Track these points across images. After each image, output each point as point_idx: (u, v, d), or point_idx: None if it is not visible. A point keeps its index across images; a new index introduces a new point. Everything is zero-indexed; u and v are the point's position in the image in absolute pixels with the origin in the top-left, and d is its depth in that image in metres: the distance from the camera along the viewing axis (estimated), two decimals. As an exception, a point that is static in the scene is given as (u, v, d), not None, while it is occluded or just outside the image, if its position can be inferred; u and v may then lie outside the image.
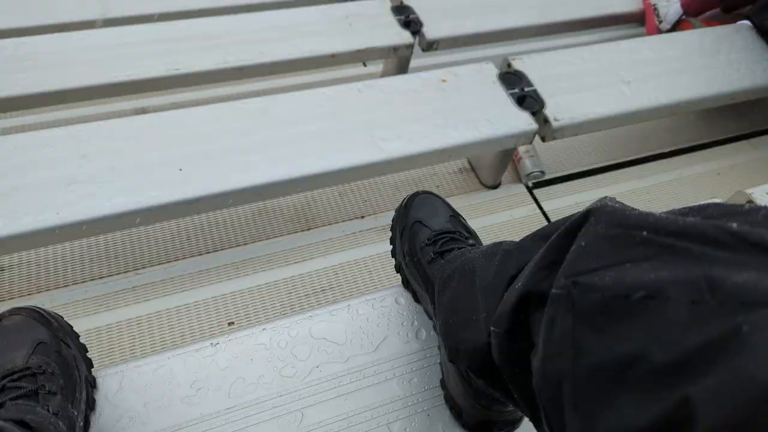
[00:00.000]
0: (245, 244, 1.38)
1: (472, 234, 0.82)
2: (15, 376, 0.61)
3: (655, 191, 1.58)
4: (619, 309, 0.37)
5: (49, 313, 0.72)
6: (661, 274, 0.35)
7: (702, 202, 0.43)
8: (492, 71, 1.46)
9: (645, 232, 0.38)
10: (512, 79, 1.44)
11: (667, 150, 1.73)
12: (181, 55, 1.58)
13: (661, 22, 1.98)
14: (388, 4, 1.87)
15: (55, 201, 1.05)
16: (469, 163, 1.68)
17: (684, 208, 0.42)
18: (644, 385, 0.34)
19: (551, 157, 1.70)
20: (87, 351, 0.78)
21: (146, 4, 1.92)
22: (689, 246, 0.36)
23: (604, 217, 0.42)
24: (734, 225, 0.34)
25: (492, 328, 0.52)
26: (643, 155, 1.72)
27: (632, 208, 0.42)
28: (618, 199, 0.45)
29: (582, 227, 0.43)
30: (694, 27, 1.85)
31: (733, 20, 1.83)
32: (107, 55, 1.53)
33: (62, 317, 0.76)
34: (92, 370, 0.79)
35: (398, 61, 1.92)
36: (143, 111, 1.80)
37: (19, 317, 0.68)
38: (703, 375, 0.31)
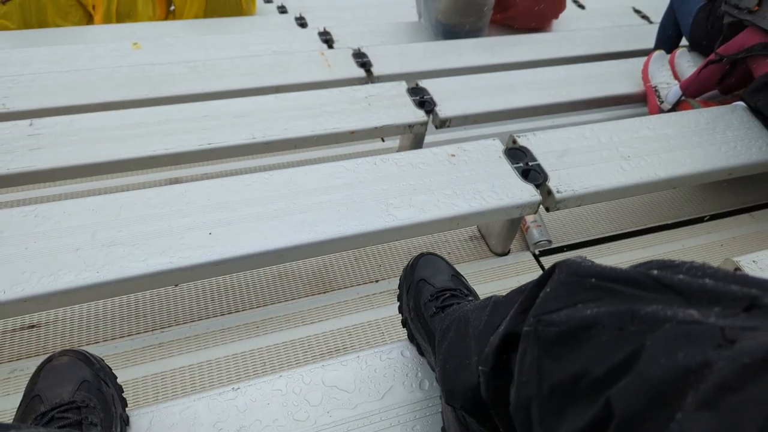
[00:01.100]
0: (265, 305, 1.46)
1: (471, 291, 0.90)
2: (62, 408, 0.70)
3: (659, 260, 1.64)
4: (571, 339, 0.46)
5: (92, 356, 0.81)
6: (600, 310, 0.46)
7: (649, 260, 0.51)
8: (498, 147, 1.57)
9: (593, 279, 0.48)
10: (517, 154, 1.55)
11: (670, 222, 1.80)
12: (214, 131, 1.74)
13: (662, 102, 2.11)
14: (405, 86, 2.04)
15: (95, 261, 1.16)
16: (479, 231, 1.76)
17: (634, 264, 0.51)
18: (585, 396, 0.43)
19: (558, 226, 1.78)
20: (122, 391, 0.86)
21: (186, 85, 2.13)
22: (622, 288, 0.46)
23: (565, 269, 0.52)
24: (655, 272, 0.44)
25: (480, 368, 0.60)
26: (648, 226, 1.79)
27: (588, 261, 0.51)
28: None
29: (550, 277, 0.53)
30: (693, 107, 1.96)
31: (731, 100, 1.95)
32: (148, 131, 1.69)
33: (103, 360, 0.84)
34: (126, 409, 0.86)
35: (414, 137, 2.07)
36: (176, 180, 1.95)
37: (67, 358, 0.77)
38: (619, 380, 0.40)
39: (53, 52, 2.40)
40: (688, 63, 2.16)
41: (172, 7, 3.34)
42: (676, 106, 2.03)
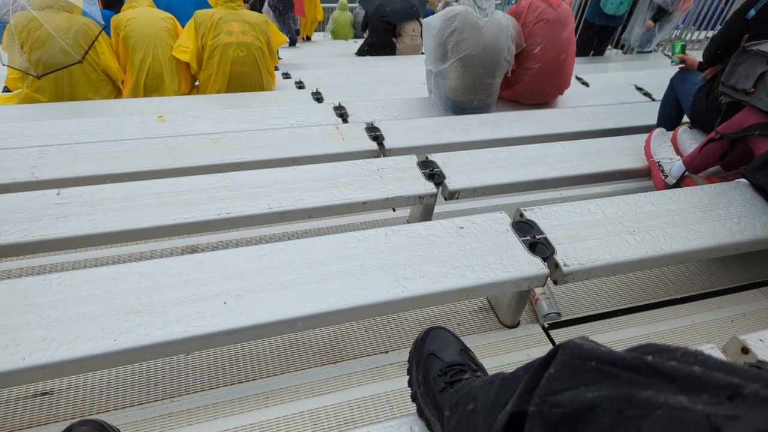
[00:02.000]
0: (276, 374, 1.47)
1: (479, 367, 0.91)
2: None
3: (669, 337, 1.63)
4: (574, 420, 0.49)
5: (110, 426, 0.83)
6: (601, 393, 0.49)
7: (647, 343, 0.54)
8: (505, 220, 1.62)
9: (594, 362, 0.51)
10: (524, 228, 1.60)
11: (679, 296, 1.81)
12: (232, 201, 1.81)
13: (666, 176, 2.16)
14: (415, 159, 2.12)
15: (113, 329, 1.19)
16: (489, 302, 1.78)
17: (634, 346, 0.54)
18: None
19: (568, 298, 1.79)
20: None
21: (207, 156, 2.23)
22: (620, 372, 0.49)
23: (568, 350, 0.54)
24: (650, 357, 0.47)
25: None
26: (657, 300, 1.79)
27: (590, 343, 0.54)
28: (634, 344, 0.58)
29: (554, 358, 0.56)
30: (696, 182, 2.01)
31: (733, 177, 2.00)
32: (170, 201, 1.77)
33: (120, 430, 0.86)
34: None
35: (423, 208, 2.13)
36: (194, 248, 2.01)
37: (86, 428, 0.79)
38: None
39: (82, 124, 2.54)
40: (690, 140, 2.24)
41: (197, 83, 3.54)
42: (681, 181, 2.09)
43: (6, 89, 3.41)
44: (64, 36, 2.93)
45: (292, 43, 7.03)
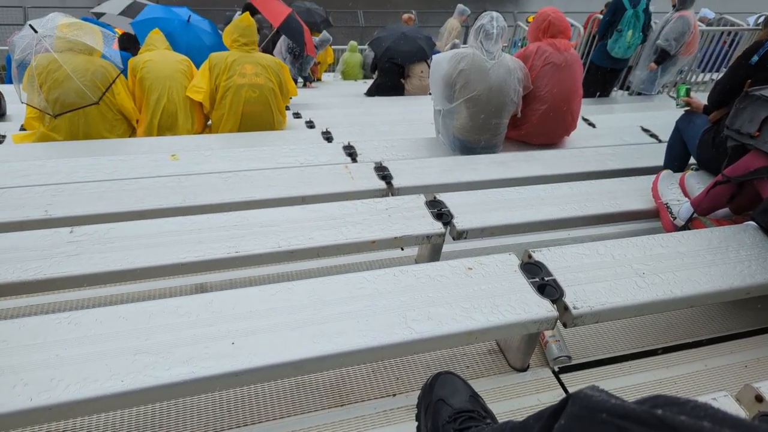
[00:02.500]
0: (282, 417, 1.45)
1: (489, 413, 0.90)
2: None
3: (682, 382, 1.60)
4: None
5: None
6: None
7: (657, 394, 0.54)
8: (514, 261, 1.62)
9: (605, 415, 0.50)
10: (533, 269, 1.60)
11: (691, 340, 1.78)
12: (242, 240, 1.83)
13: (675, 218, 2.16)
14: (423, 199, 2.14)
15: (121, 369, 1.19)
16: (498, 345, 1.76)
17: (644, 396, 0.54)
18: None
19: (578, 341, 1.77)
20: None
21: (218, 195, 2.26)
22: (630, 426, 0.49)
23: (578, 402, 0.54)
24: (659, 411, 0.47)
25: None
26: (669, 344, 1.76)
27: (600, 395, 0.54)
28: (646, 390, 0.58)
29: (564, 408, 0.55)
30: (705, 225, 2.01)
31: (742, 219, 2.00)
32: (180, 239, 1.79)
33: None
34: None
35: (432, 247, 2.13)
36: (202, 287, 2.02)
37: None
38: None
39: (97, 162, 2.59)
40: (698, 184, 2.24)
41: (209, 122, 3.62)
42: (689, 223, 2.08)
43: (23, 127, 3.50)
44: (82, 77, 3.03)
45: (308, 82, 7.20)
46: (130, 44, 4.31)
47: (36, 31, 3.07)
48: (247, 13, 3.98)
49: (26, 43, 3.08)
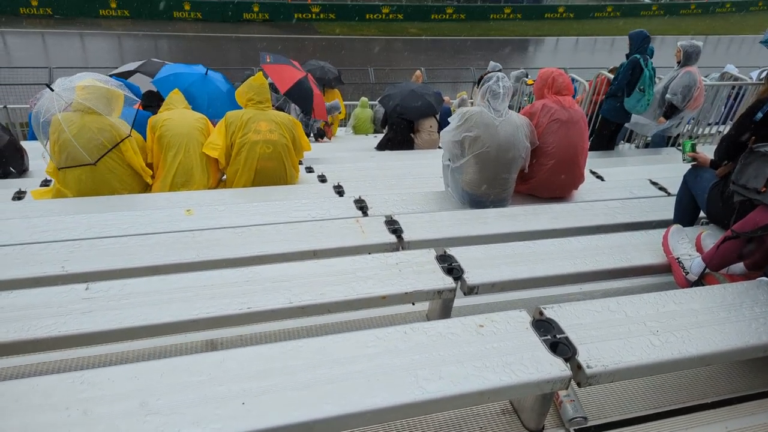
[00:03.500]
0: (290, 480, 1.41)
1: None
2: None
3: (703, 444, 1.56)
4: None
5: None
6: None
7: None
8: (525, 318, 1.61)
9: None
10: (545, 326, 1.59)
11: (710, 400, 1.73)
12: (254, 296, 1.84)
13: (687, 273, 2.15)
14: (433, 253, 2.15)
15: (130, 430, 1.18)
16: (512, 404, 1.72)
17: None
18: None
19: (593, 400, 1.73)
20: None
21: (231, 250, 2.29)
22: None
23: None
24: None
25: None
26: (688, 404, 1.72)
27: None
28: None
29: None
30: (718, 280, 2.00)
31: (755, 275, 1.98)
32: (193, 295, 1.80)
33: None
34: None
35: (443, 303, 2.13)
36: (213, 343, 2.02)
37: None
38: None
39: (114, 218, 2.65)
40: (713, 242, 2.23)
41: (224, 177, 3.71)
42: (702, 279, 2.07)
43: (43, 183, 3.61)
44: (86, 138, 3.10)
45: (320, 137, 7.39)
46: (154, 101, 4.47)
47: (53, 92, 3.22)
48: (260, 73, 4.14)
49: (47, 106, 3.22)
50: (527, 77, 7.97)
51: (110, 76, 4.85)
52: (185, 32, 19.07)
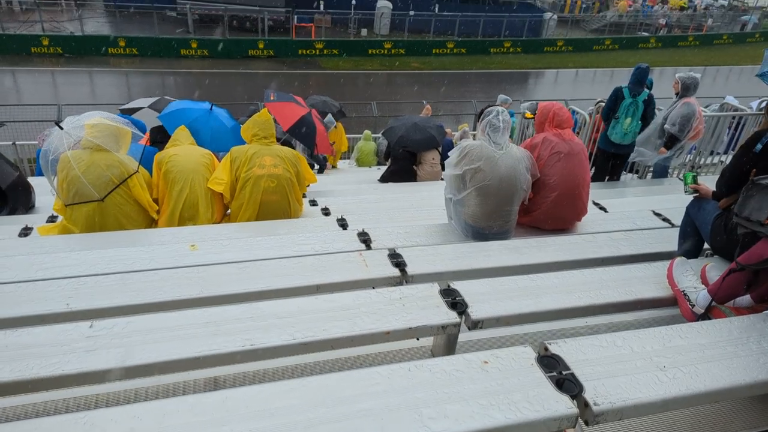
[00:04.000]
0: None
1: None
2: None
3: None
4: None
5: None
6: None
7: None
8: (530, 354, 1.60)
9: None
10: (550, 362, 1.57)
11: (722, 437, 1.70)
12: (257, 332, 1.83)
13: (693, 306, 2.13)
14: (437, 287, 2.15)
15: (132, 471, 1.17)
16: (518, 442, 1.69)
17: None
18: None
19: (602, 439, 1.70)
20: None
21: (235, 285, 2.29)
22: None
23: None
24: None
25: None
26: (700, 442, 1.69)
27: None
28: None
29: None
30: (725, 314, 1.98)
31: (761, 308, 1.97)
32: (196, 333, 1.80)
33: None
34: None
35: (447, 338, 2.11)
36: (216, 381, 2.00)
37: None
38: None
39: (118, 254, 2.66)
40: (717, 274, 2.22)
41: (228, 211, 3.74)
42: (708, 312, 2.05)
43: (50, 219, 3.65)
44: (95, 174, 3.16)
45: (321, 170, 7.45)
46: (160, 137, 4.55)
47: (62, 129, 3.28)
48: (265, 109, 4.22)
49: (54, 141, 3.28)
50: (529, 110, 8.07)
51: (119, 111, 4.95)
52: (192, 69, 19.48)
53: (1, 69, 17.51)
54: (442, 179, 5.91)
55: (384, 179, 6.39)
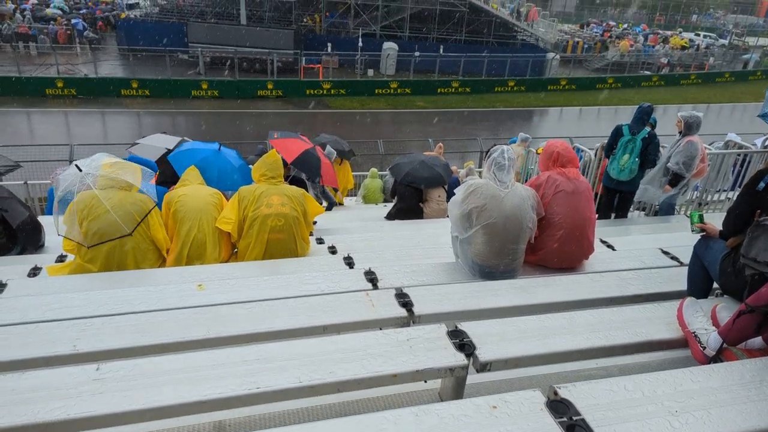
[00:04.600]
0: None
1: None
2: None
3: None
4: None
5: None
6: None
7: None
8: (539, 399, 1.58)
9: None
10: (560, 407, 1.55)
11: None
12: (262, 375, 1.82)
13: (704, 348, 2.10)
14: (444, 329, 2.14)
15: None
16: (529, 490, 1.65)
17: None
18: None
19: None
20: None
21: (241, 326, 2.29)
22: None
23: None
24: None
25: None
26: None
27: None
28: None
29: None
30: (737, 356, 1.95)
31: (774, 348, 1.94)
32: (202, 375, 1.79)
33: None
34: None
35: (455, 380, 2.08)
36: (221, 424, 1.98)
37: None
38: None
39: (126, 294, 2.67)
40: (728, 315, 2.20)
41: (236, 250, 3.76)
42: (720, 354, 2.02)
43: (59, 258, 3.68)
44: (119, 211, 3.23)
45: (330, 207, 7.52)
46: (169, 176, 4.63)
47: (80, 170, 3.34)
48: (274, 149, 4.30)
49: (70, 181, 3.34)
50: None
51: (129, 153, 5.04)
52: (202, 109, 19.91)
53: (16, 110, 17.99)
54: (448, 216, 5.94)
55: (391, 216, 6.42)
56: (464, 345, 2.04)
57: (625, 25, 45.42)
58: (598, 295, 2.74)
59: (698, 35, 41.76)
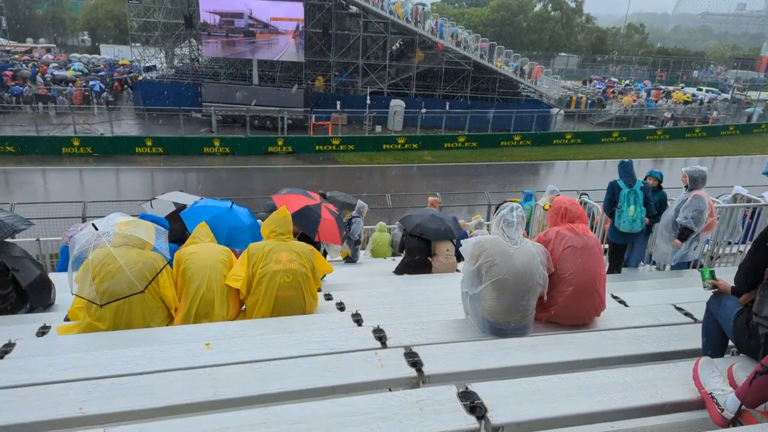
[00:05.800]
0: None
1: None
2: None
3: None
4: None
5: None
6: None
7: None
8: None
9: None
10: (576, 475, 1.49)
11: None
12: (271, 439, 1.79)
13: (723, 410, 2.04)
14: (455, 390, 2.10)
15: None
16: None
17: None
18: None
19: None
20: None
21: (248, 387, 2.26)
22: None
23: None
24: None
25: None
26: None
27: None
28: None
29: None
30: (756, 419, 1.89)
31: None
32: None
33: None
34: None
35: (467, 445, 2.03)
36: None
37: None
38: None
39: (133, 354, 2.65)
40: (745, 375, 2.14)
41: (244, 307, 3.75)
42: (738, 416, 1.96)
43: (67, 317, 3.67)
44: (133, 268, 3.26)
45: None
46: (179, 233, 4.67)
47: (97, 229, 3.41)
48: (284, 206, 4.35)
49: (86, 240, 3.39)
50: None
51: (141, 215, 5.12)
52: (214, 165, 20.34)
53: (32, 168, 18.46)
54: (458, 270, 5.92)
55: (399, 271, 6.40)
56: (475, 407, 2.00)
57: (627, 81, 46.53)
58: (612, 354, 2.68)
59: (700, 90, 42.56)
